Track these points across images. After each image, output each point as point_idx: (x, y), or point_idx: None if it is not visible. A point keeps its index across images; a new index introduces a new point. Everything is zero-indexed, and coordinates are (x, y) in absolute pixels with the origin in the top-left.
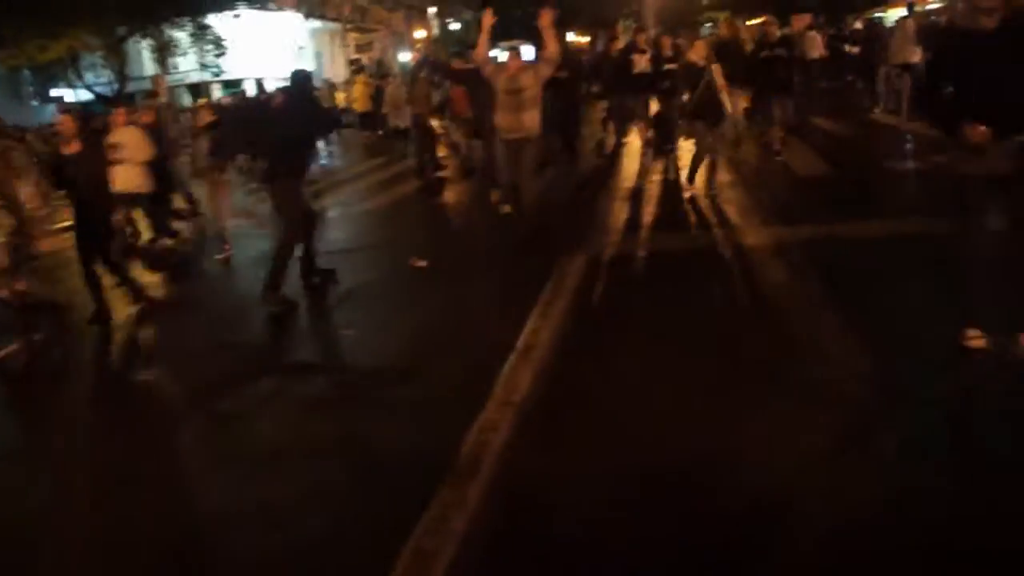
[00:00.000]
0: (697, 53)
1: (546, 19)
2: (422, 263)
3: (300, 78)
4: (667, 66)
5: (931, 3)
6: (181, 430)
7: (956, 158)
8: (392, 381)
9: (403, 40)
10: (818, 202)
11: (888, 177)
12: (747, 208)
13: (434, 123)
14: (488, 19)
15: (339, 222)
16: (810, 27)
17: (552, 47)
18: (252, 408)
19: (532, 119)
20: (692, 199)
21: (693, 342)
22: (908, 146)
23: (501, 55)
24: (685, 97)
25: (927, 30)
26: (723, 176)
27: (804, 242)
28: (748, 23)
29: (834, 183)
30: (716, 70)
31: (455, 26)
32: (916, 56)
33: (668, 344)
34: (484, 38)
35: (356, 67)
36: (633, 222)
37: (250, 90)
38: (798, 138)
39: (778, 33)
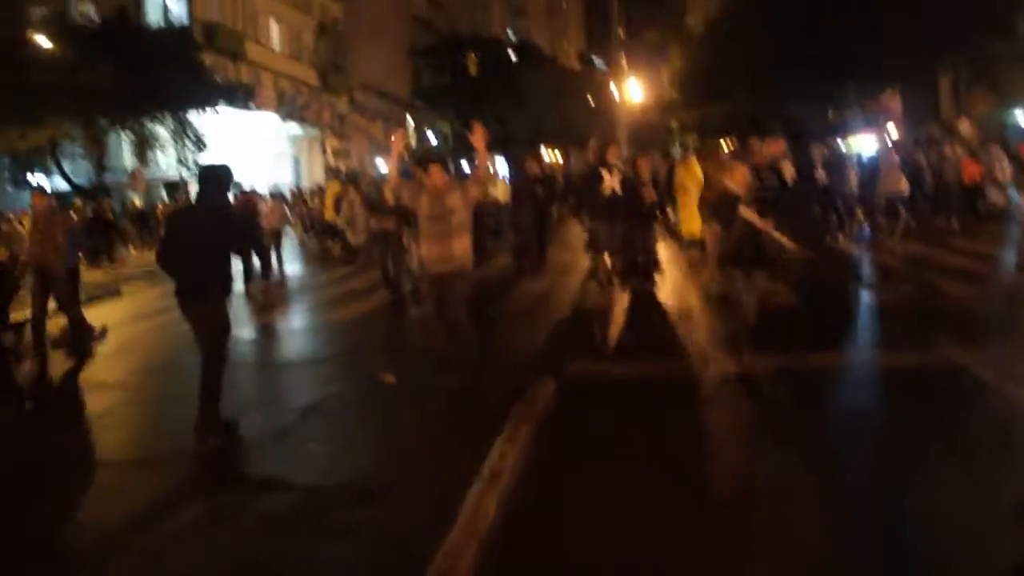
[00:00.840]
0: (736, 180)
1: (478, 136)
2: (391, 378)
3: (210, 175)
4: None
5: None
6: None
7: None
8: (354, 502)
9: (381, 149)
10: (787, 330)
11: (853, 306)
12: (719, 335)
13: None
14: (399, 139)
15: (306, 332)
16: (784, 153)
17: (483, 165)
18: (203, 528)
19: (463, 248)
20: (661, 322)
21: (661, 472)
22: (870, 275)
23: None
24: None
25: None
26: (692, 301)
27: (776, 372)
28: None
29: (803, 312)
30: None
31: (432, 137)
32: (905, 186)
33: (635, 474)
34: (394, 162)
35: (332, 174)
36: (602, 345)
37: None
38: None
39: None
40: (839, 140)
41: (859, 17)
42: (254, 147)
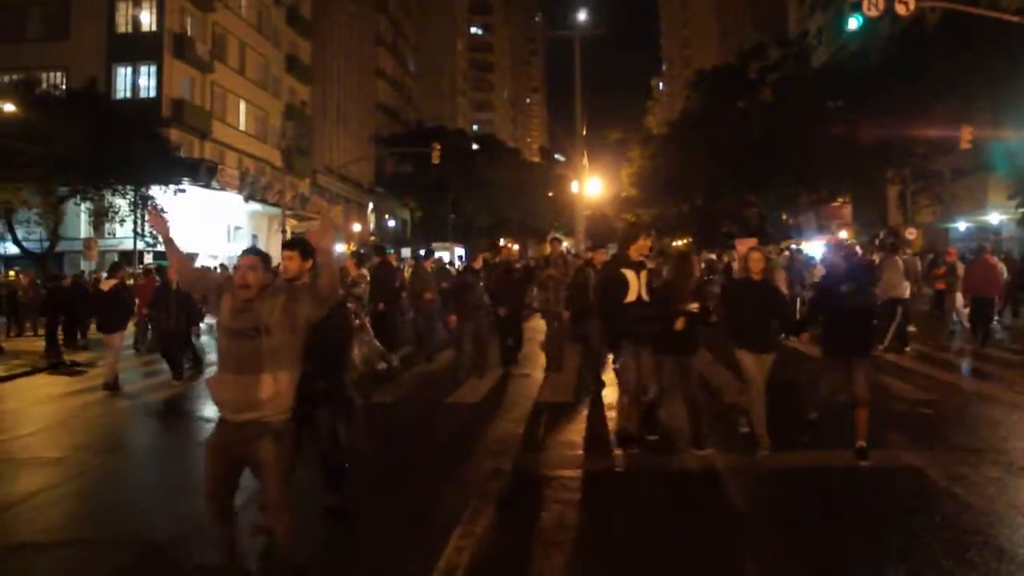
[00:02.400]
0: (756, 265)
1: (321, 237)
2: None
3: None
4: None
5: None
6: None
7: None
8: None
9: (340, 232)
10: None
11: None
12: (679, 431)
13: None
14: (159, 222)
15: None
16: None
17: (325, 280)
18: None
19: (278, 387)
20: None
21: (621, 567)
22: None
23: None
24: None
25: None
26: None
27: (736, 469)
28: (674, 243)
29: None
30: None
31: (392, 223)
32: (906, 291)
33: (596, 570)
34: (173, 254)
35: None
36: (561, 439)
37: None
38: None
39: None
40: (793, 244)
41: (814, 129)
42: (213, 221)
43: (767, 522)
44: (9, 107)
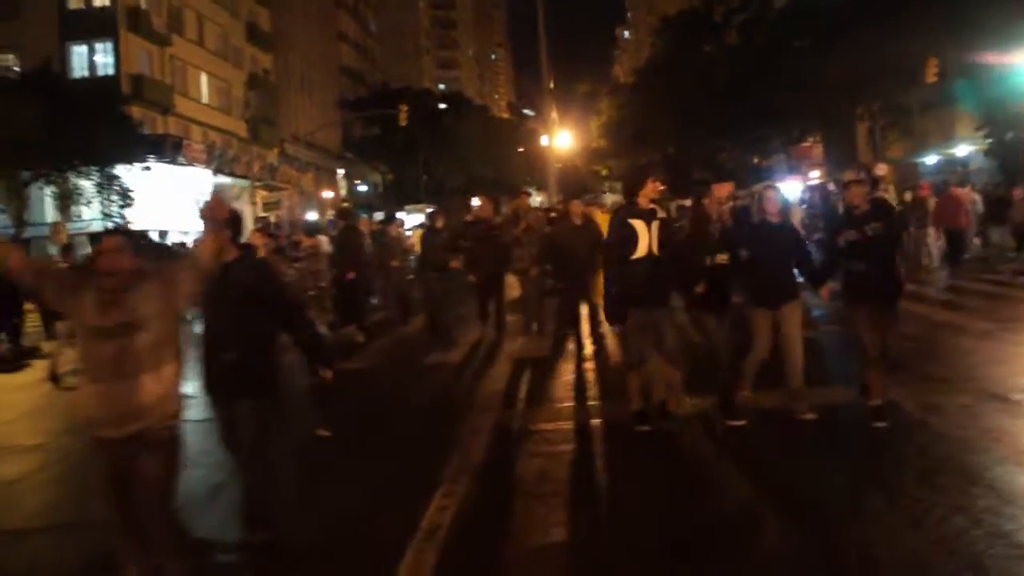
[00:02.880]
0: (773, 206)
1: (216, 207)
2: (326, 432)
3: None
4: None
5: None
6: None
7: None
8: (293, 560)
9: (311, 200)
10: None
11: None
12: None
13: None
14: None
15: None
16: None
17: (206, 250)
18: None
19: (162, 386)
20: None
21: (602, 518)
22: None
23: (410, 218)
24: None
25: None
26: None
27: (704, 413)
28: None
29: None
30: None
31: (363, 188)
32: None
33: (578, 522)
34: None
35: (258, 226)
36: (541, 395)
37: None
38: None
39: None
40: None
41: (782, 69)
42: (182, 197)
43: (746, 464)
44: None
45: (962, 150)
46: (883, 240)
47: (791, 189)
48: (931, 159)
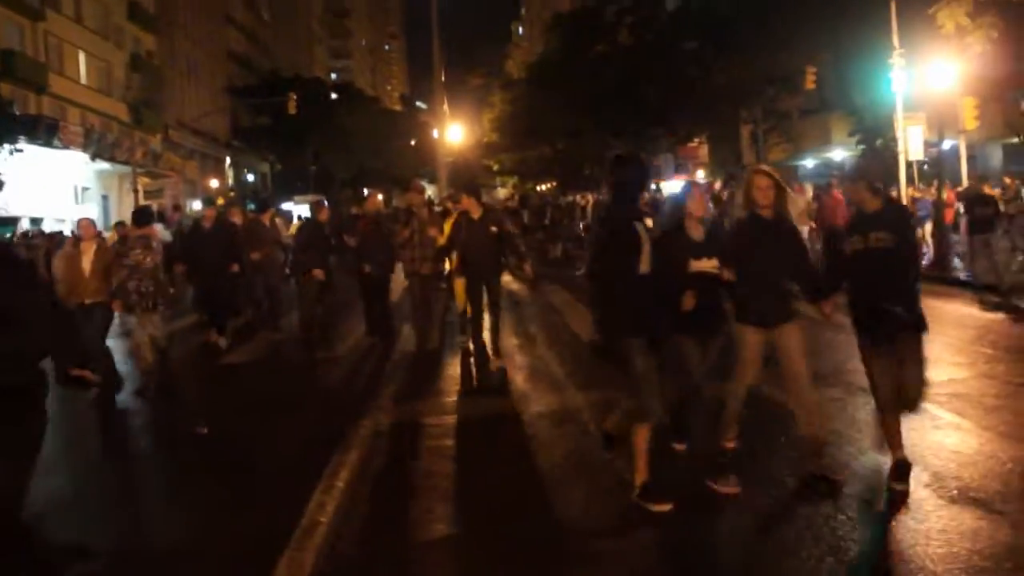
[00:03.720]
0: (765, 195)
1: None
2: (203, 429)
3: None
4: None
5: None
6: None
7: None
8: (168, 561)
9: (196, 188)
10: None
11: None
12: (538, 374)
13: None
14: None
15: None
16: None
17: None
18: None
19: None
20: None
21: (482, 512)
22: None
23: (297, 208)
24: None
25: None
26: (512, 340)
27: (591, 406)
28: (539, 188)
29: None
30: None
31: (251, 177)
32: None
33: (457, 517)
34: None
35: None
36: (421, 390)
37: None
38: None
39: None
40: (653, 184)
41: (671, 71)
42: (57, 183)
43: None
44: None
45: (837, 154)
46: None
47: (675, 187)
48: (809, 162)
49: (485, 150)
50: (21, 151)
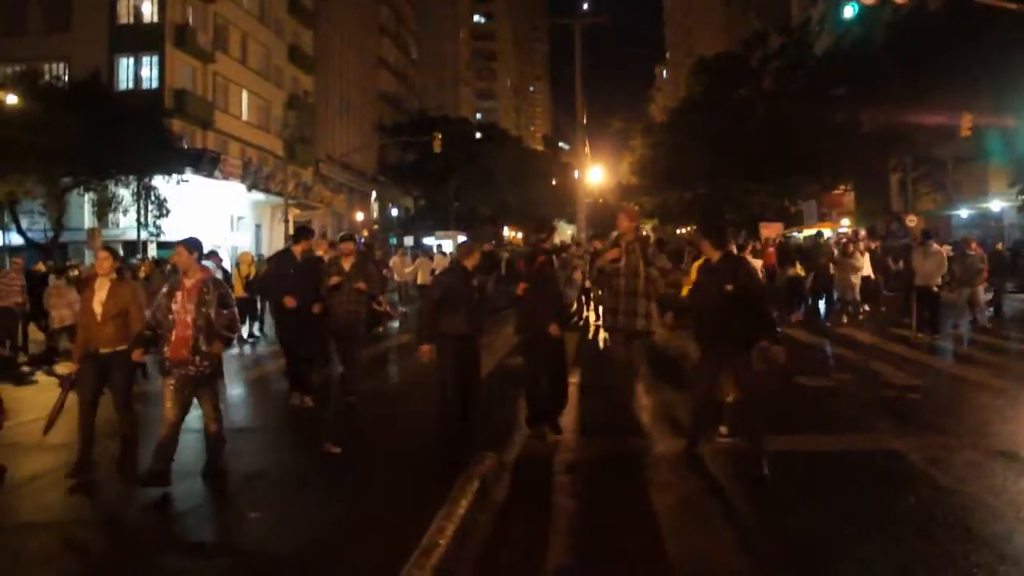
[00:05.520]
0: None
1: None
2: (336, 449)
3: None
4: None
5: (840, 227)
6: None
7: None
8: (293, 572)
9: (342, 220)
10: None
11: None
12: (661, 417)
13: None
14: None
15: (245, 400)
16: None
17: None
18: None
19: None
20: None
21: (598, 548)
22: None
23: (442, 244)
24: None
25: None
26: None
27: (724, 451)
28: (679, 231)
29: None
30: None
31: (395, 211)
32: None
33: (572, 549)
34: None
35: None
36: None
37: None
38: None
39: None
40: (795, 231)
41: (817, 117)
42: (216, 211)
43: (749, 502)
44: (12, 99)
45: (995, 204)
46: None
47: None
48: (963, 212)
49: (625, 192)
50: (187, 181)
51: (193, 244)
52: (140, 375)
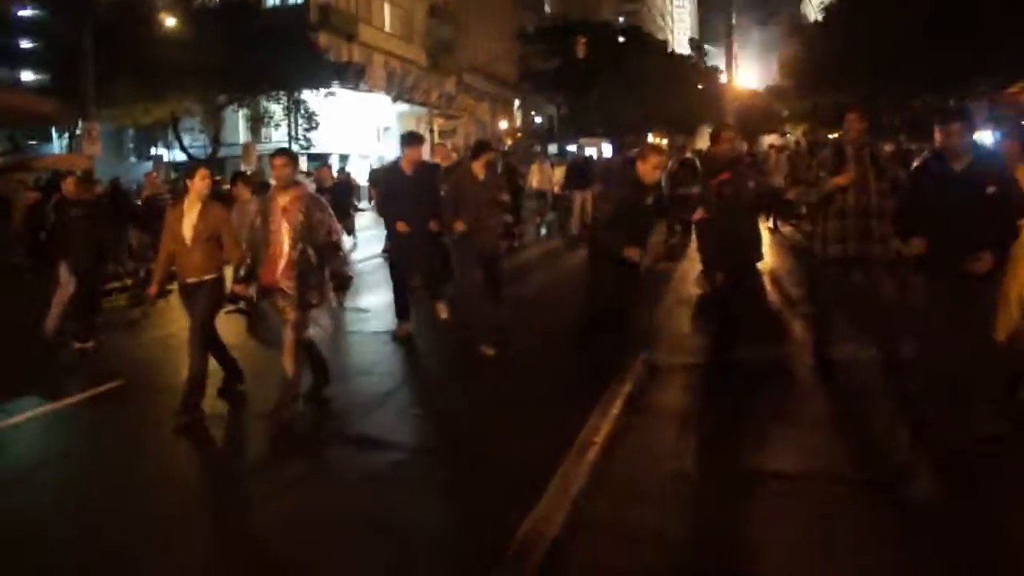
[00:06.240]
0: None
1: None
2: (491, 351)
3: None
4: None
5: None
6: (232, 494)
7: None
8: (452, 465)
9: (486, 129)
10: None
11: None
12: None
13: None
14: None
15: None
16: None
17: None
18: (308, 477)
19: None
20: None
21: (743, 449)
22: None
23: (586, 150)
24: None
25: None
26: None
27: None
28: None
29: None
30: None
31: (539, 119)
32: None
33: (718, 450)
34: None
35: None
36: (692, 330)
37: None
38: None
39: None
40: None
41: (990, 5)
42: (363, 123)
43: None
44: (171, 21)
45: None
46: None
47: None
48: None
49: (774, 95)
50: (334, 94)
51: (290, 155)
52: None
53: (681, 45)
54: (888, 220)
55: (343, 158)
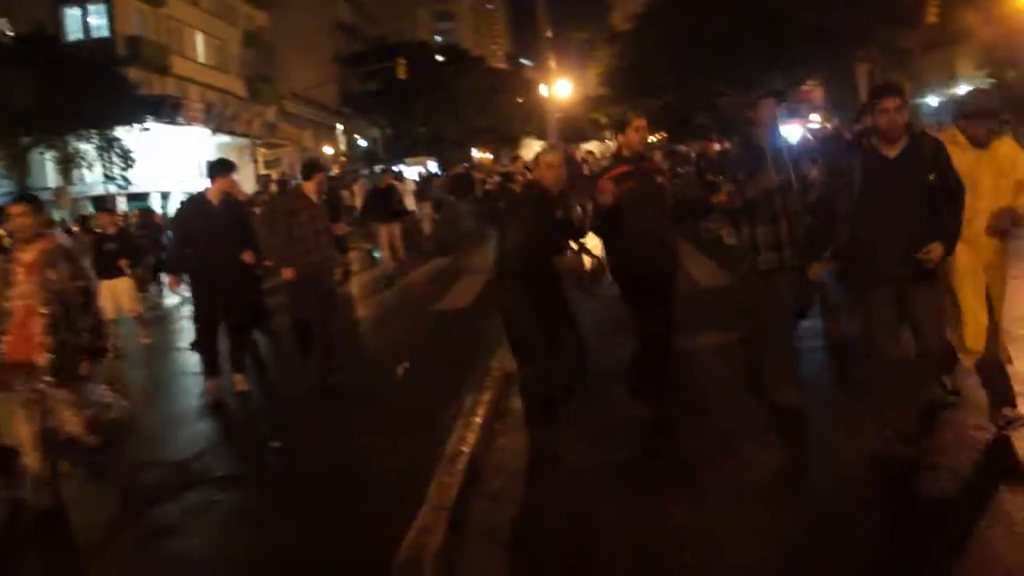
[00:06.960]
0: None
1: None
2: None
3: None
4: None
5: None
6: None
7: None
8: (327, 491)
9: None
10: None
11: None
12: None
13: None
14: None
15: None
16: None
17: None
18: (181, 521)
19: None
20: None
21: (605, 445)
22: None
23: (408, 171)
24: None
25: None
26: None
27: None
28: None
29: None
30: None
31: (363, 143)
32: None
33: (583, 450)
34: None
35: (263, 182)
36: None
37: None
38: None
39: None
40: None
41: (783, 13)
42: (182, 158)
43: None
44: None
45: (963, 89)
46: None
47: (791, 133)
48: (932, 100)
49: (592, 104)
50: (148, 130)
51: (33, 202)
52: None
53: (498, 59)
54: None
55: (164, 196)
